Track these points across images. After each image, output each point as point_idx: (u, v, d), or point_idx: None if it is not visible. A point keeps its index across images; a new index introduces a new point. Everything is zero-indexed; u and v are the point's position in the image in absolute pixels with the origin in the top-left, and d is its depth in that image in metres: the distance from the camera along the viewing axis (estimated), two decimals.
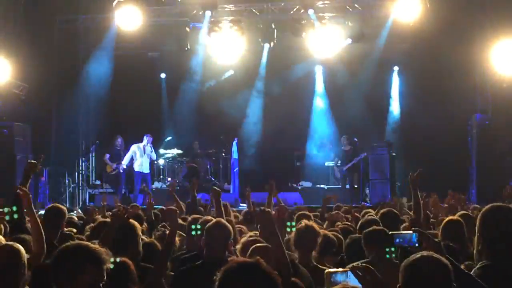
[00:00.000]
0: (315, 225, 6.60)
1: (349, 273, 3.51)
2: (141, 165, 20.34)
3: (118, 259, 4.72)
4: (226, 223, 6.09)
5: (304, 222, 6.57)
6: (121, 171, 20.76)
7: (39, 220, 5.92)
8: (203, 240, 6.05)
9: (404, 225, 7.59)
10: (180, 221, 7.44)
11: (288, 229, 7.36)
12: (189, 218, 8.03)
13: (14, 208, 5.81)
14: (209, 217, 7.11)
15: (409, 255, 3.71)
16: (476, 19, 20.37)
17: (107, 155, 21.07)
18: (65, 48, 21.79)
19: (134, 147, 20.46)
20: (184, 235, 7.54)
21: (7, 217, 5.83)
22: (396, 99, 23.06)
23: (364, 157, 20.25)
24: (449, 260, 3.91)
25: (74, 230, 8.59)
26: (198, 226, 6.31)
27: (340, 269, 3.61)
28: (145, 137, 20.42)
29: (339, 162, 20.74)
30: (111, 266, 3.83)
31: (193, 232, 6.14)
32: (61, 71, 21.64)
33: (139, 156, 20.33)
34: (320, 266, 6.07)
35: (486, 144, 19.23)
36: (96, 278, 3.71)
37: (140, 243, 6.10)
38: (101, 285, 3.72)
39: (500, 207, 4.44)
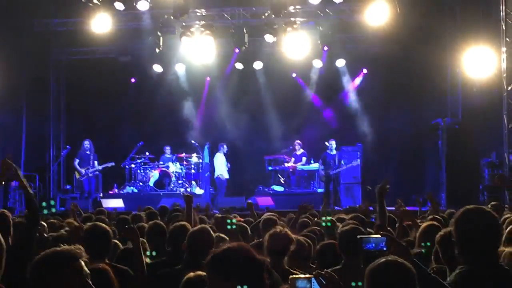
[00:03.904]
0: (288, 231, 6.53)
1: (313, 279, 3.50)
2: None
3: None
4: (210, 230, 6.07)
5: (278, 227, 6.49)
6: (90, 175, 20.67)
7: None
8: (184, 245, 6.04)
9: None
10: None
11: (229, 227, 7.24)
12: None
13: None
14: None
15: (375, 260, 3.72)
16: (446, 25, 20.57)
17: (76, 160, 20.95)
18: (37, 51, 21.63)
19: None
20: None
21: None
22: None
23: (355, 163, 20.32)
24: (416, 264, 3.94)
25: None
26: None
27: (304, 275, 3.59)
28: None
29: (323, 166, 20.69)
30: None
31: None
32: (32, 74, 21.45)
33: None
34: (291, 270, 6.03)
35: (455, 148, 19.36)
36: (78, 277, 3.45)
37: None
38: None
39: (472, 209, 4.40)
